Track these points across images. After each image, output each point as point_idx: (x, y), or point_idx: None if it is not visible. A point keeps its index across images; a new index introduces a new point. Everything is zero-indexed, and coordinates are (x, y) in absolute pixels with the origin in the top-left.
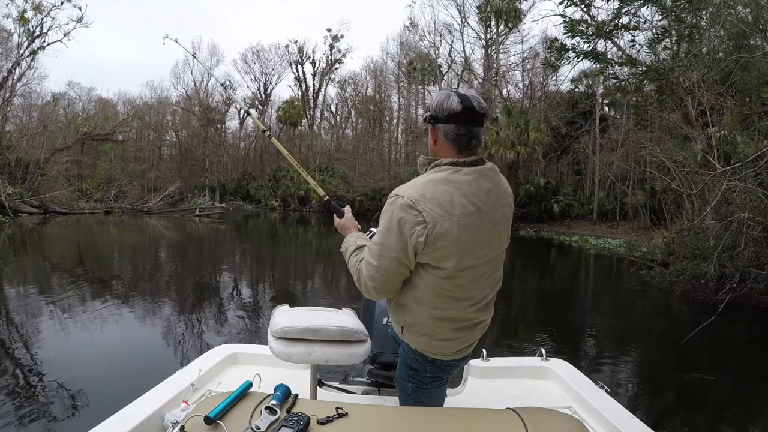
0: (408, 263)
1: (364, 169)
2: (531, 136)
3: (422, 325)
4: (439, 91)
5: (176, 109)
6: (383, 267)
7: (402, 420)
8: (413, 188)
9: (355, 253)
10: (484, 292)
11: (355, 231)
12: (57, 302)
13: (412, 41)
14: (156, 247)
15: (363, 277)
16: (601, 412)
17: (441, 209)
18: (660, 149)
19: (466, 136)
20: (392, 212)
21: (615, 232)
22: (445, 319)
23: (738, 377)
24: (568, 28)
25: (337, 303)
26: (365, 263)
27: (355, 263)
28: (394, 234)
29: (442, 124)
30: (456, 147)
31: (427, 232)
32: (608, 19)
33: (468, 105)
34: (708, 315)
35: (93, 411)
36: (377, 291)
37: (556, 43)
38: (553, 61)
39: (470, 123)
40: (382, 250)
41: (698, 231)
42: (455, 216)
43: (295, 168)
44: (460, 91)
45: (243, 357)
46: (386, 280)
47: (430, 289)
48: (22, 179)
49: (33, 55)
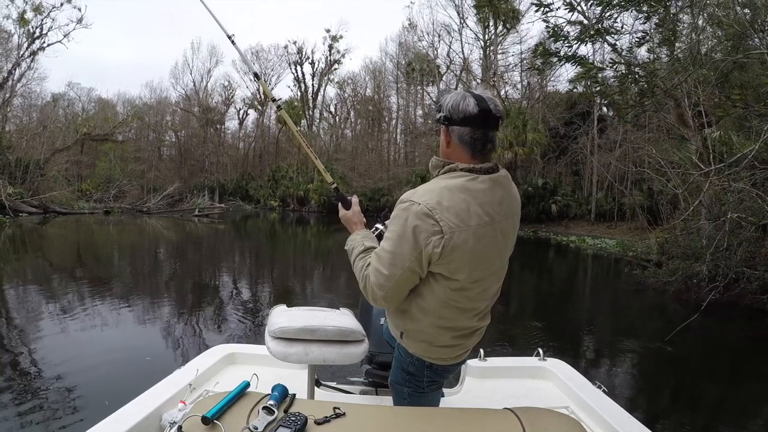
0: (420, 273)
1: (363, 169)
2: (529, 137)
3: (423, 333)
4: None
5: (176, 110)
6: (394, 276)
7: (399, 420)
8: (429, 195)
9: (361, 255)
10: (488, 302)
11: (361, 227)
12: (56, 302)
13: (410, 42)
14: (155, 247)
15: (371, 285)
16: (599, 412)
17: (458, 219)
18: (656, 150)
19: (482, 140)
20: (406, 219)
21: (613, 232)
22: (448, 328)
23: (733, 377)
24: (551, 33)
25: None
26: (374, 270)
27: (361, 268)
28: (408, 242)
29: (457, 127)
30: (470, 151)
31: (443, 243)
32: (590, 24)
33: (484, 107)
34: (699, 315)
35: (90, 411)
36: (386, 300)
37: (540, 47)
38: (539, 65)
39: (486, 126)
40: (393, 258)
41: (691, 231)
42: (471, 227)
43: (304, 148)
44: (476, 92)
45: (240, 357)
46: (396, 289)
47: (438, 299)
48: (22, 179)
49: (33, 56)
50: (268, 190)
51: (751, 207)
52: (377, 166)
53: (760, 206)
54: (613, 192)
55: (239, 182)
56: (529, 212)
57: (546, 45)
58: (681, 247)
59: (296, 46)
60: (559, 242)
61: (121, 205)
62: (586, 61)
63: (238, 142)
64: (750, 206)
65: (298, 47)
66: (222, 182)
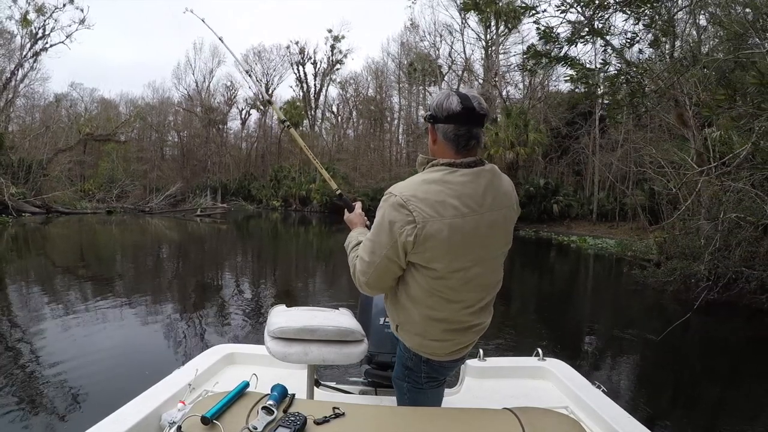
0: (398, 261)
1: (365, 169)
2: (530, 137)
3: (416, 324)
4: (439, 91)
5: (178, 110)
6: (374, 263)
7: (399, 420)
8: (406, 187)
9: (354, 248)
10: (479, 295)
11: (361, 227)
12: (58, 301)
13: (412, 42)
14: (157, 247)
15: (357, 272)
16: (598, 412)
17: (432, 209)
18: (656, 150)
19: (465, 137)
20: (384, 209)
21: (614, 232)
22: (438, 319)
23: (732, 377)
24: (541, 34)
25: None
26: (359, 258)
27: (352, 258)
28: (385, 231)
29: (442, 124)
30: (454, 147)
31: (416, 232)
32: (580, 25)
33: (468, 105)
34: (698, 315)
35: (90, 410)
36: (369, 286)
37: (531, 49)
38: (531, 66)
39: (469, 123)
40: (373, 246)
41: (690, 231)
42: (446, 217)
43: (313, 163)
44: (461, 91)
45: (240, 357)
46: (377, 276)
47: (423, 288)
48: (25, 179)
49: (35, 57)
50: (270, 190)
51: (749, 207)
52: (379, 166)
53: (759, 206)
54: (615, 192)
55: (241, 182)
56: (531, 212)
57: (537, 46)
58: (679, 247)
59: (298, 47)
60: (560, 242)
61: (123, 205)
62: (576, 62)
63: (241, 142)
64: (749, 206)
65: (300, 47)
66: (224, 182)
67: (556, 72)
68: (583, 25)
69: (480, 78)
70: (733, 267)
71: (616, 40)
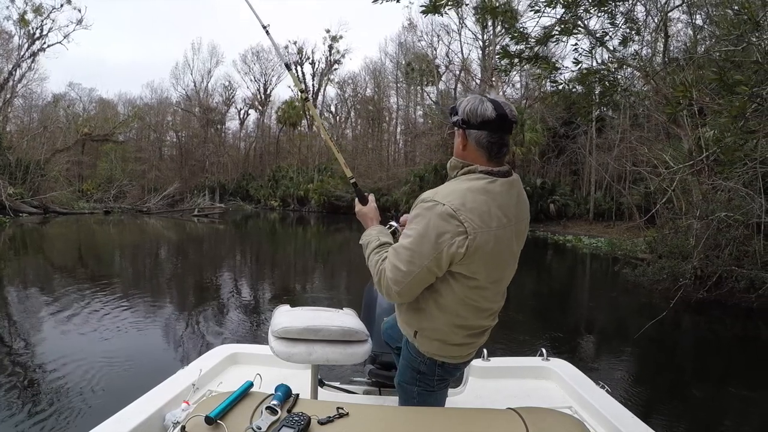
0: (438, 272)
1: (362, 169)
2: (526, 137)
3: (438, 331)
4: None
5: (176, 110)
6: (412, 273)
7: (403, 420)
8: (453, 196)
9: (377, 250)
10: (502, 301)
11: (376, 224)
12: (57, 302)
13: (410, 42)
14: (155, 247)
15: (386, 280)
16: (602, 412)
17: (480, 220)
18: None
19: (498, 144)
20: (429, 219)
21: (610, 232)
22: (462, 326)
23: (731, 376)
24: (511, 35)
25: (337, 303)
26: (391, 266)
27: (376, 262)
28: (429, 242)
29: (474, 130)
30: (486, 154)
31: (468, 243)
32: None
33: (501, 112)
34: (690, 314)
35: (93, 411)
36: (400, 296)
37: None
38: (504, 65)
39: (502, 131)
40: (412, 256)
41: (680, 230)
42: (492, 228)
43: (327, 141)
44: (492, 97)
45: (244, 357)
46: (412, 286)
47: (457, 297)
48: (23, 179)
49: (33, 57)
50: (268, 190)
51: (739, 206)
52: (377, 166)
53: (749, 205)
54: (612, 191)
55: (240, 182)
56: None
57: (506, 47)
58: (668, 246)
59: (296, 47)
60: (555, 241)
61: (121, 206)
62: (544, 61)
63: (239, 142)
64: (738, 205)
65: (298, 47)
66: (222, 182)
67: (508, 75)
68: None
69: (477, 78)
70: (723, 266)
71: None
